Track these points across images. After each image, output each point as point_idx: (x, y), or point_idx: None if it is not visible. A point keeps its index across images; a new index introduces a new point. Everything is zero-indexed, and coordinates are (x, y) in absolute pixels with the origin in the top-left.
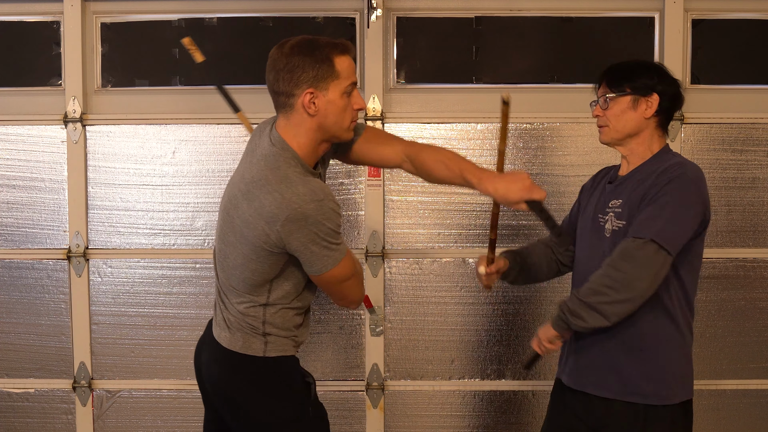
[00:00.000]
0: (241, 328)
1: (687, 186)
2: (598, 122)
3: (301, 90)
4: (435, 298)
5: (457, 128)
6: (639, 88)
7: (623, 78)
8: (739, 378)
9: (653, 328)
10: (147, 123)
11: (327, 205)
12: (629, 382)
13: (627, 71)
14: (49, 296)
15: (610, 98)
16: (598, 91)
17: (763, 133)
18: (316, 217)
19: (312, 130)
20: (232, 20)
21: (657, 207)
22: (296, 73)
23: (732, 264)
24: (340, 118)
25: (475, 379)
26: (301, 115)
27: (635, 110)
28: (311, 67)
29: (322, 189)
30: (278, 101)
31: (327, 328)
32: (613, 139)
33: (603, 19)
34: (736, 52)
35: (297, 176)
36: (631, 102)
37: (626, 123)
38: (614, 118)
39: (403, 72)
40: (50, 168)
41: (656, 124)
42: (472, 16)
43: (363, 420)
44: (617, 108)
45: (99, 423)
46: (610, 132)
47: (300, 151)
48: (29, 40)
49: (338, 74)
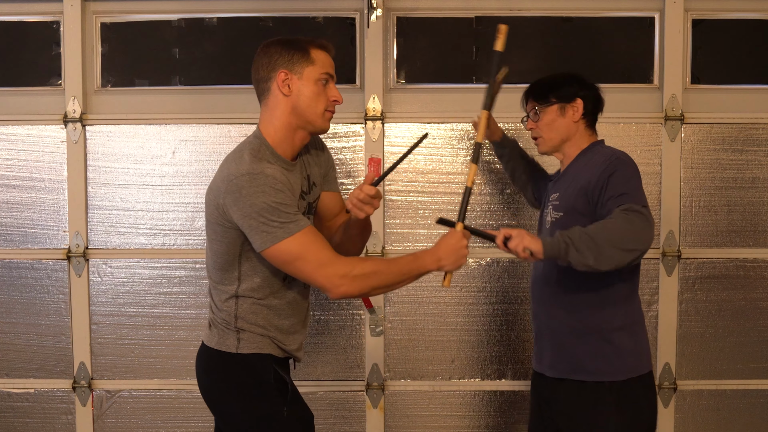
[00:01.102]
0: (217, 324)
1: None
2: (532, 134)
3: (275, 72)
4: (435, 298)
5: (457, 128)
6: (563, 96)
7: (547, 90)
8: (739, 378)
9: (600, 310)
10: (147, 123)
11: (261, 180)
12: (577, 361)
13: (549, 84)
14: (49, 296)
15: (540, 109)
16: (527, 107)
17: (763, 133)
18: (249, 190)
19: (286, 112)
20: (232, 20)
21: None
22: (273, 58)
23: (732, 264)
24: (314, 102)
25: (475, 379)
26: (276, 97)
27: (564, 117)
28: (287, 52)
29: (263, 167)
30: (258, 89)
31: (327, 328)
32: (550, 147)
33: (603, 19)
34: (736, 52)
35: (250, 155)
36: (558, 110)
37: (558, 129)
38: (546, 127)
39: (403, 72)
40: (50, 168)
41: (584, 125)
42: (472, 16)
43: (363, 420)
44: (547, 117)
45: (99, 423)
46: (546, 141)
47: (273, 138)
48: (29, 40)
49: (312, 61)
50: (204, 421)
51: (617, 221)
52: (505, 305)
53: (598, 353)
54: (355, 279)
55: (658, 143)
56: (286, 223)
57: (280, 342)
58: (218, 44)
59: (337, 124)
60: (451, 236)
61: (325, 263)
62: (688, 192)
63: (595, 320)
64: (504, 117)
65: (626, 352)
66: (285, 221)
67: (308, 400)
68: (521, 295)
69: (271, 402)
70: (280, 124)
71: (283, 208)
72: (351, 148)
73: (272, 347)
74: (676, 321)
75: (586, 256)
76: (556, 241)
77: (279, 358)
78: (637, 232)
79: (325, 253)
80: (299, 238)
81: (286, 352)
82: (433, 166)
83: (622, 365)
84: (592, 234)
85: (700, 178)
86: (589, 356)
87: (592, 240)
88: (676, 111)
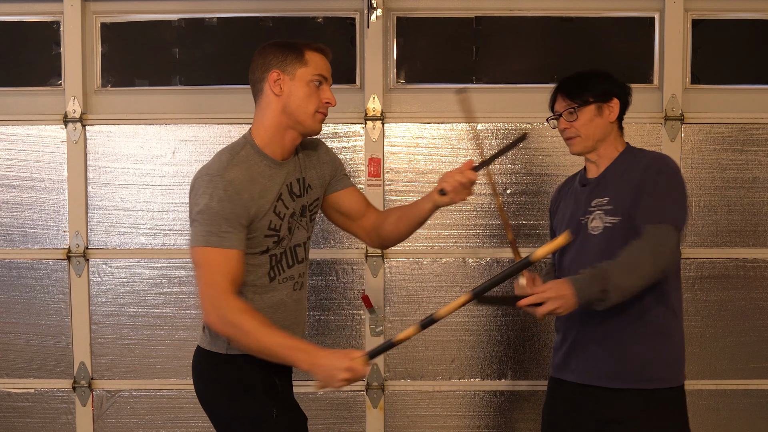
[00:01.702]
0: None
1: (676, 174)
2: (566, 134)
3: (268, 73)
4: (435, 298)
5: (457, 128)
6: (600, 95)
7: (583, 88)
8: (739, 378)
9: (659, 316)
10: (147, 123)
11: (216, 183)
12: (642, 369)
13: (584, 82)
14: (49, 296)
15: (577, 109)
16: (556, 106)
17: (763, 133)
18: (198, 189)
19: (277, 111)
20: (232, 20)
21: (663, 191)
22: (267, 58)
23: (732, 264)
24: (304, 102)
25: (475, 379)
26: (268, 97)
27: (601, 116)
28: (281, 53)
29: (228, 171)
30: (254, 90)
31: (327, 328)
32: (586, 148)
33: (603, 19)
34: (736, 52)
35: (228, 156)
36: (595, 109)
37: (596, 130)
38: (584, 128)
39: (403, 72)
40: (50, 168)
41: (617, 126)
42: (472, 16)
43: (363, 420)
44: (585, 117)
45: (99, 423)
46: (582, 141)
47: (262, 137)
48: (29, 40)
49: (306, 62)
50: (204, 420)
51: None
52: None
53: (664, 359)
54: (225, 321)
55: (658, 143)
56: (212, 232)
57: None
58: (218, 44)
59: (337, 124)
60: (341, 358)
61: (213, 287)
62: (688, 192)
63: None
64: (505, 117)
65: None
66: (212, 230)
67: (308, 400)
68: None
69: (261, 404)
70: (270, 123)
71: (219, 218)
72: (351, 148)
73: None
74: None
75: (612, 302)
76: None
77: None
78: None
79: (222, 280)
80: (212, 252)
81: None
82: (432, 166)
83: (680, 372)
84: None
85: (700, 178)
86: (654, 363)
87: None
88: (676, 111)
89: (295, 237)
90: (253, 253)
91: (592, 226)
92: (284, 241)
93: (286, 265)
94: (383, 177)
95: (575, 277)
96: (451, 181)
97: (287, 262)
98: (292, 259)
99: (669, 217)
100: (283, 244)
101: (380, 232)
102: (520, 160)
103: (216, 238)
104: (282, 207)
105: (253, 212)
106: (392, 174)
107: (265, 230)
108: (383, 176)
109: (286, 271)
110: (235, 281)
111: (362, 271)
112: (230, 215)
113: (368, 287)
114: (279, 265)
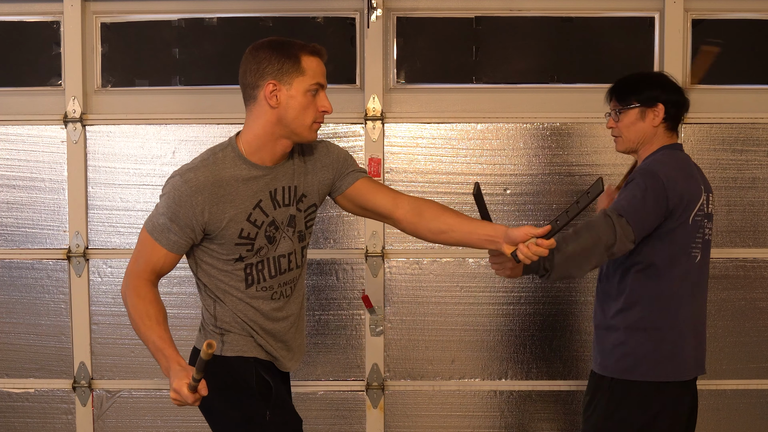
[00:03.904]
0: (205, 326)
1: (648, 175)
2: (612, 133)
3: (264, 81)
4: (435, 298)
5: (457, 128)
6: (645, 100)
7: (630, 91)
8: (739, 378)
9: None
10: (147, 123)
11: (173, 181)
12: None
13: (633, 85)
14: (49, 296)
15: (620, 111)
16: (610, 104)
17: (763, 133)
18: (168, 188)
19: (271, 122)
20: (232, 20)
21: (626, 193)
22: (262, 65)
23: (732, 264)
24: (301, 114)
25: (475, 379)
26: (262, 107)
27: (644, 120)
28: (277, 61)
29: (188, 169)
30: (245, 93)
31: (327, 328)
32: (627, 148)
33: (603, 19)
34: (736, 52)
35: (205, 154)
36: (639, 113)
37: (636, 133)
38: (625, 129)
39: (403, 72)
40: (50, 168)
41: (665, 129)
42: (472, 16)
43: (363, 420)
44: (627, 120)
45: (99, 423)
46: (624, 142)
47: (250, 144)
48: (29, 40)
49: (303, 71)
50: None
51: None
52: (505, 305)
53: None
54: (125, 298)
55: None
56: (159, 224)
57: (265, 345)
58: (218, 44)
59: (337, 124)
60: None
61: (135, 266)
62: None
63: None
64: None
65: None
66: (160, 223)
67: (309, 400)
68: (521, 295)
69: (254, 405)
70: (262, 132)
71: (169, 215)
72: (351, 148)
73: (257, 350)
74: None
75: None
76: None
77: (264, 361)
78: (596, 240)
79: (145, 266)
80: (150, 240)
81: (271, 356)
82: (432, 166)
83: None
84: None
85: None
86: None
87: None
88: None
89: (280, 247)
90: (227, 259)
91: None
92: (262, 250)
93: (268, 275)
94: (383, 177)
95: None
96: (527, 252)
97: (269, 272)
98: (275, 269)
99: (618, 207)
100: (262, 254)
101: (418, 231)
102: (521, 160)
103: (158, 232)
104: (260, 215)
105: (206, 217)
106: (392, 174)
107: (235, 238)
108: (383, 176)
109: (267, 281)
110: (156, 272)
111: (362, 271)
112: (177, 217)
113: (368, 287)
114: (259, 273)
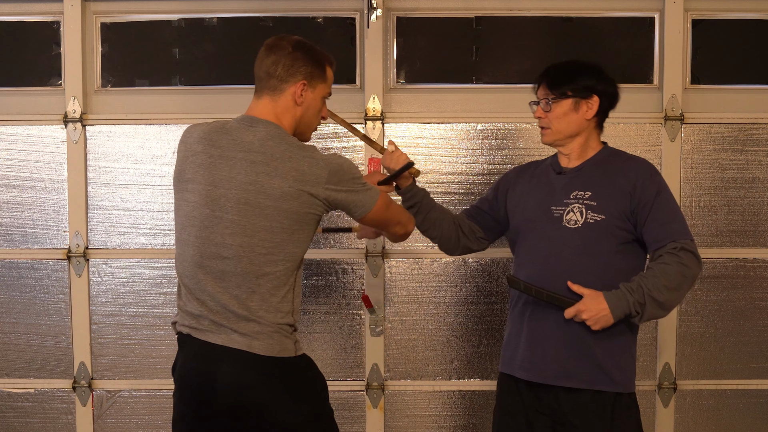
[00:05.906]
0: (268, 332)
1: (663, 184)
2: (540, 123)
3: (296, 79)
4: (435, 298)
5: (457, 128)
6: (580, 90)
7: (564, 80)
8: (739, 378)
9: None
10: (147, 123)
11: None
12: (600, 371)
13: (567, 73)
14: (49, 296)
15: (552, 101)
16: (538, 92)
17: (763, 133)
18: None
19: (294, 118)
20: (232, 20)
21: (668, 213)
22: (297, 64)
23: (732, 264)
24: (314, 117)
25: (476, 379)
26: (288, 102)
27: (577, 112)
28: (311, 64)
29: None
30: (269, 83)
31: (327, 328)
32: (555, 140)
33: (603, 19)
34: (736, 52)
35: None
36: (572, 104)
37: (568, 125)
38: (556, 121)
39: (403, 72)
40: (50, 168)
41: (595, 124)
42: (472, 16)
43: (363, 420)
44: (559, 111)
45: (99, 423)
46: (552, 134)
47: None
48: (29, 40)
49: (326, 79)
50: None
51: (672, 271)
52: (505, 305)
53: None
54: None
55: (658, 143)
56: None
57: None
58: (218, 44)
59: (337, 124)
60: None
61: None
62: (688, 192)
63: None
64: (505, 117)
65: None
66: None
67: None
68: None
69: (322, 400)
70: (287, 125)
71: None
72: (351, 148)
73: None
74: (676, 321)
75: (651, 316)
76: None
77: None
78: (690, 276)
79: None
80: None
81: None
82: (432, 166)
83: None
84: (657, 295)
85: (700, 178)
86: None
87: (656, 301)
88: (676, 111)
89: None
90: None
91: (569, 218)
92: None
93: None
94: None
95: (609, 294)
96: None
97: None
98: None
99: (677, 232)
100: None
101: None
102: (521, 159)
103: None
104: None
105: None
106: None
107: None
108: None
109: None
110: None
111: (362, 271)
112: None
113: (368, 287)
114: None
